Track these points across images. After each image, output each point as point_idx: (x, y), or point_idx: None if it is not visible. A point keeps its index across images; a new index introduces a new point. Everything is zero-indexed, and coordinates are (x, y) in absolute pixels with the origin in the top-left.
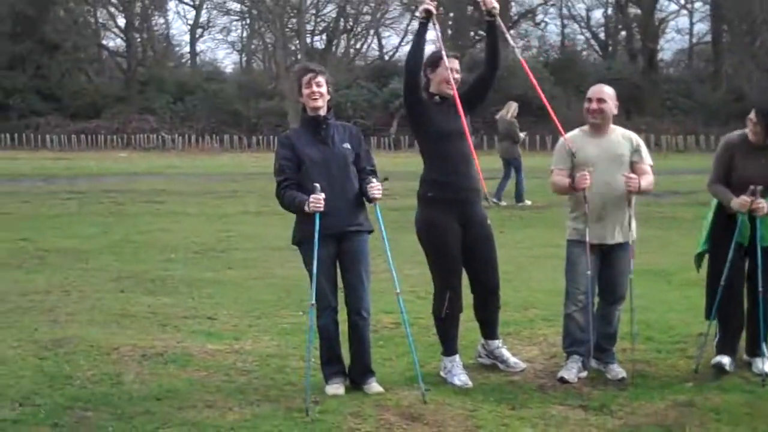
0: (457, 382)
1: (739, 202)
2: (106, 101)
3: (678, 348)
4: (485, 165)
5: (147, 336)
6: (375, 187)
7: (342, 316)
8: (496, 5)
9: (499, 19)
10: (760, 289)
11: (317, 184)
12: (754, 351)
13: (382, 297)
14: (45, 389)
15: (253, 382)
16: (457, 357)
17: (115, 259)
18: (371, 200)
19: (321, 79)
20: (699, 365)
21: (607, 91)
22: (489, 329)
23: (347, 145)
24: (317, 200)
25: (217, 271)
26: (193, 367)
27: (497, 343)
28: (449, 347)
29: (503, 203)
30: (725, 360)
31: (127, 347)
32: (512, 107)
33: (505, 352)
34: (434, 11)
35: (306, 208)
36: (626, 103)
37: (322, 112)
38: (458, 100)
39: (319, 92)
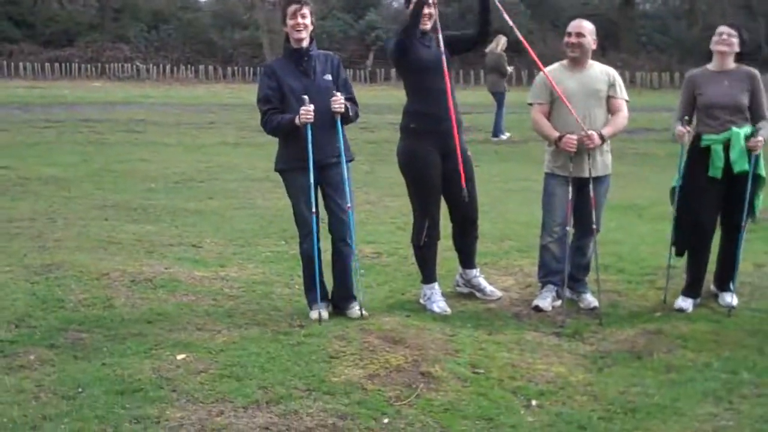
0: (436, 309)
1: (677, 132)
2: (80, 29)
3: (648, 279)
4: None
5: (135, 262)
6: (336, 100)
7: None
8: None
9: None
10: (743, 223)
11: (305, 96)
12: (723, 286)
13: (363, 227)
14: (38, 312)
15: (240, 307)
16: (435, 285)
17: (96, 187)
18: (334, 113)
19: (306, 10)
20: (667, 296)
21: (587, 26)
22: (467, 259)
23: (328, 77)
24: (307, 111)
25: (199, 201)
26: (182, 292)
27: (474, 272)
28: (428, 275)
29: (506, 136)
30: (687, 305)
31: (116, 272)
32: (501, 40)
33: (482, 281)
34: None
35: (297, 122)
36: (602, 40)
37: (305, 44)
38: (440, 38)
39: (304, 24)
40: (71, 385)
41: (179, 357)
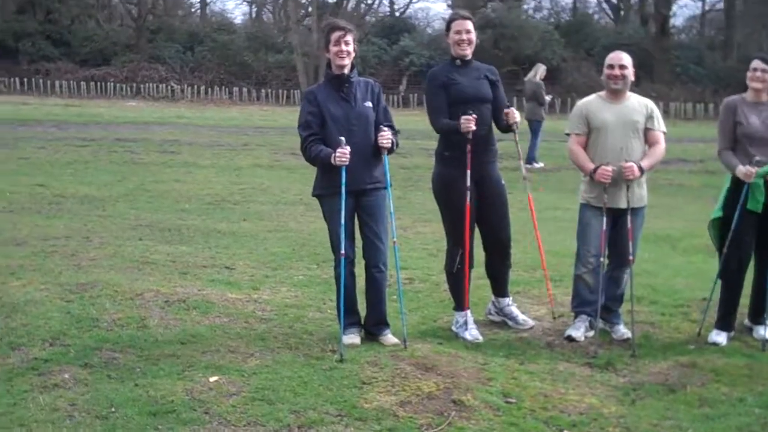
0: (468, 336)
1: (743, 172)
2: (116, 48)
3: (681, 311)
4: None
5: (168, 283)
6: (384, 136)
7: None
8: (518, 120)
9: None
10: None
11: (342, 138)
12: (757, 319)
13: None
14: (73, 330)
15: (272, 330)
16: (468, 312)
17: (131, 207)
18: (380, 149)
19: (350, 37)
20: (702, 328)
21: (628, 58)
22: (499, 286)
23: (368, 104)
24: (343, 153)
25: (232, 223)
26: (215, 314)
27: (507, 300)
28: (460, 302)
29: (540, 165)
30: (722, 339)
31: (150, 293)
32: (540, 69)
33: (515, 310)
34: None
35: (332, 161)
36: (636, 70)
37: (347, 71)
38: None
39: (347, 51)
40: (105, 404)
41: (212, 379)
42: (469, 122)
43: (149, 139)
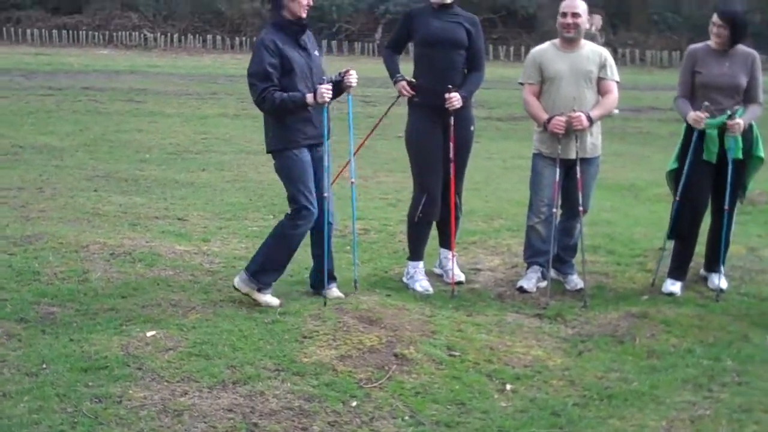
0: (418, 288)
1: (693, 117)
2: None
3: (638, 261)
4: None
5: (117, 235)
6: (352, 74)
7: None
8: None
9: None
10: (726, 206)
11: (324, 77)
12: (712, 267)
13: (350, 204)
14: (12, 284)
15: (217, 283)
16: (420, 263)
17: (90, 157)
18: (347, 88)
19: None
20: (656, 279)
21: (582, 5)
22: (442, 237)
23: (317, 52)
24: (328, 89)
25: (191, 173)
26: (160, 267)
27: (447, 253)
28: (416, 252)
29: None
30: (676, 288)
31: (96, 245)
32: (596, 20)
33: (449, 263)
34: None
35: (312, 101)
36: (612, 18)
37: (304, 15)
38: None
39: (311, 2)
40: (36, 361)
41: (149, 334)
42: (403, 89)
43: (117, 88)
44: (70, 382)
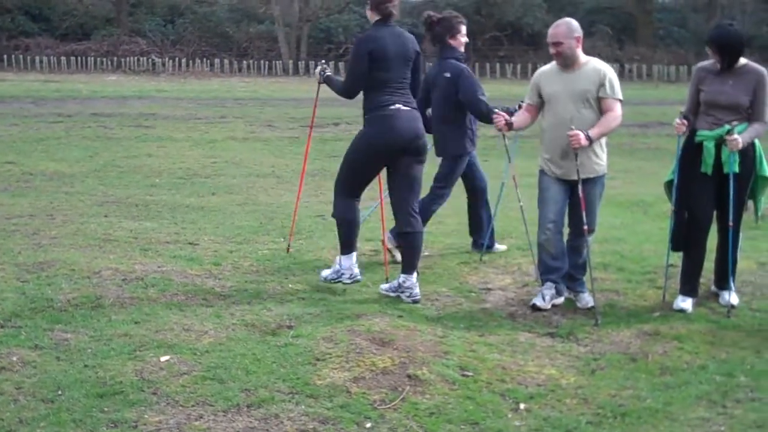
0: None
1: (674, 124)
2: (96, 22)
3: (648, 278)
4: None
5: (128, 260)
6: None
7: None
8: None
9: None
10: (730, 222)
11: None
12: (722, 284)
13: (364, 224)
14: (26, 311)
15: (230, 307)
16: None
17: (100, 183)
18: None
19: None
20: (666, 295)
21: (562, 32)
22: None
23: None
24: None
25: (201, 197)
26: (172, 291)
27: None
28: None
29: None
30: (687, 305)
31: (108, 271)
32: None
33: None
34: None
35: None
36: (619, 33)
37: None
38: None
39: None
40: (51, 387)
41: (163, 359)
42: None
43: (125, 114)
44: (86, 408)
